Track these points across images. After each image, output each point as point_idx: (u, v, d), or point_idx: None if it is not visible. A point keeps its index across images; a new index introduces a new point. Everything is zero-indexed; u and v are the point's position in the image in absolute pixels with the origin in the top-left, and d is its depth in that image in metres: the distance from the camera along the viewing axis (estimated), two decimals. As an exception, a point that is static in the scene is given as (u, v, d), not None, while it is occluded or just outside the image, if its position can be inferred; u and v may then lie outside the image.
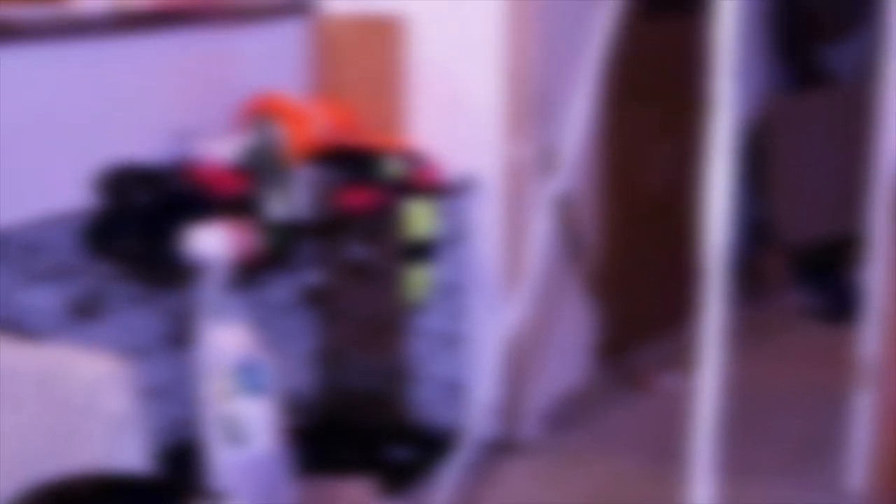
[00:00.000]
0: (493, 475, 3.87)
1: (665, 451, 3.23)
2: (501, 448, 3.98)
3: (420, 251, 3.73)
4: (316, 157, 3.56)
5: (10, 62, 3.08)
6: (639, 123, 4.59)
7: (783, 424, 4.23)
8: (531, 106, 3.90)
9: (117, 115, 3.38)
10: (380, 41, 3.90)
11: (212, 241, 3.13)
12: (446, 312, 3.96)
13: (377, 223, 3.79)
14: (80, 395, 2.50)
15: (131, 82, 3.41)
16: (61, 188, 3.23)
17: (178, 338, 3.51)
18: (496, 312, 3.80)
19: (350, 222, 3.76)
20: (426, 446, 3.85)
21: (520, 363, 3.83)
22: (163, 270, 3.33)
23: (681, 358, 3.51)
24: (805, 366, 4.77)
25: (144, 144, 3.39)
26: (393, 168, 3.66)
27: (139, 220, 3.21)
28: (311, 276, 4.07)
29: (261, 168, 3.41)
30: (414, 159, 3.73)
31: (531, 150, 3.90)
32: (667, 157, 4.63)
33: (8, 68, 3.08)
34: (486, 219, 3.93)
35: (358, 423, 4.04)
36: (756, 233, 5.33)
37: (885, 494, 3.58)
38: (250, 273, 3.47)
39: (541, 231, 3.31)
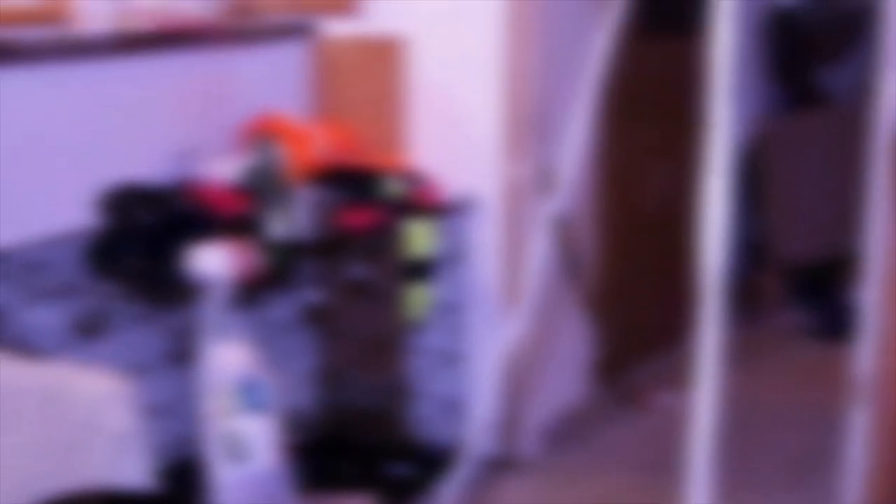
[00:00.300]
0: (492, 492, 3.88)
1: (663, 467, 3.24)
2: (500, 465, 3.99)
3: (420, 270, 3.75)
4: (316, 177, 3.58)
5: (14, 84, 3.10)
6: (636, 143, 4.61)
7: (779, 441, 4.24)
8: (529, 126, 3.92)
9: (120, 135, 3.39)
10: (380, 62, 3.92)
11: (213, 261, 3.15)
12: (446, 330, 3.98)
13: (377, 242, 3.81)
14: (83, 412, 2.51)
15: (133, 103, 3.43)
16: (65, 208, 3.25)
17: (181, 356, 3.52)
18: (495, 330, 3.81)
19: (350, 242, 3.78)
20: (426, 463, 3.86)
21: (518, 380, 3.84)
22: (165, 289, 3.34)
23: (678, 375, 3.52)
24: (801, 383, 4.78)
25: (147, 165, 3.41)
26: (393, 188, 3.68)
27: (142, 240, 3.22)
28: (312, 295, 4.09)
29: (262, 188, 3.43)
30: (414, 179, 3.75)
31: (530, 169, 3.92)
32: (664, 177, 4.65)
33: (12, 90, 3.09)
34: (485, 238, 3.95)
35: (358, 440, 4.05)
36: (752, 252, 5.34)
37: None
38: (252, 292, 3.48)
39: (539, 250, 3.33)
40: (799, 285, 5.65)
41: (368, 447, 4.00)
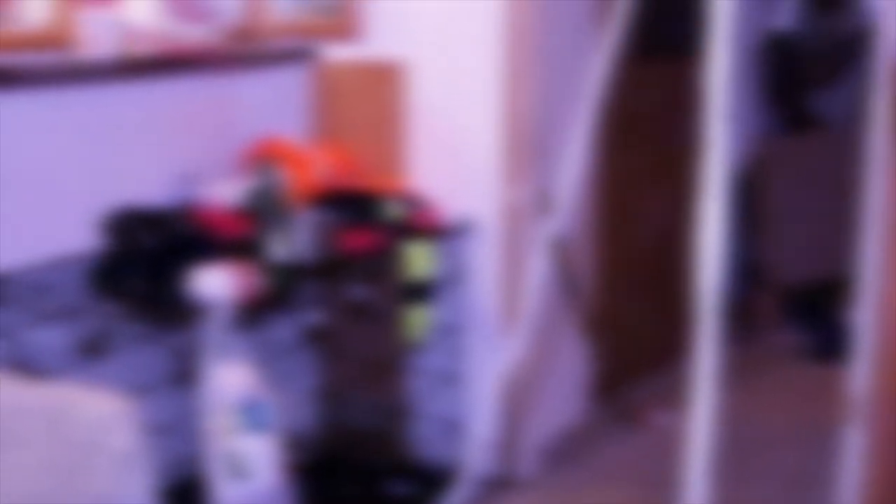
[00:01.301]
0: (491, 511, 3.90)
1: (661, 485, 3.26)
2: (499, 484, 4.00)
3: (419, 292, 3.76)
4: (317, 199, 3.59)
5: (18, 108, 3.12)
6: (633, 166, 4.63)
7: (775, 460, 4.25)
8: (528, 149, 3.93)
9: (123, 158, 3.41)
10: (380, 87, 3.94)
11: (215, 282, 3.16)
12: (445, 351, 3.99)
13: (377, 264, 3.82)
14: (87, 432, 2.52)
15: (136, 127, 3.45)
16: (69, 230, 3.26)
17: (183, 376, 3.53)
18: (494, 351, 3.82)
19: (351, 264, 3.79)
20: (426, 482, 3.87)
21: (517, 400, 3.86)
22: (168, 311, 3.35)
23: (675, 394, 3.54)
24: (796, 403, 4.79)
25: (149, 188, 3.43)
26: (393, 210, 3.69)
27: (144, 262, 3.23)
28: (313, 317, 4.10)
29: (263, 211, 3.44)
30: (413, 202, 3.77)
31: (528, 192, 3.94)
32: (661, 199, 4.66)
33: (16, 114, 3.12)
34: (483, 260, 3.96)
35: (358, 459, 4.06)
36: (748, 273, 5.36)
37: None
38: (253, 313, 3.50)
39: (537, 271, 3.35)
40: (795, 306, 5.67)
41: (369, 467, 4.01)
